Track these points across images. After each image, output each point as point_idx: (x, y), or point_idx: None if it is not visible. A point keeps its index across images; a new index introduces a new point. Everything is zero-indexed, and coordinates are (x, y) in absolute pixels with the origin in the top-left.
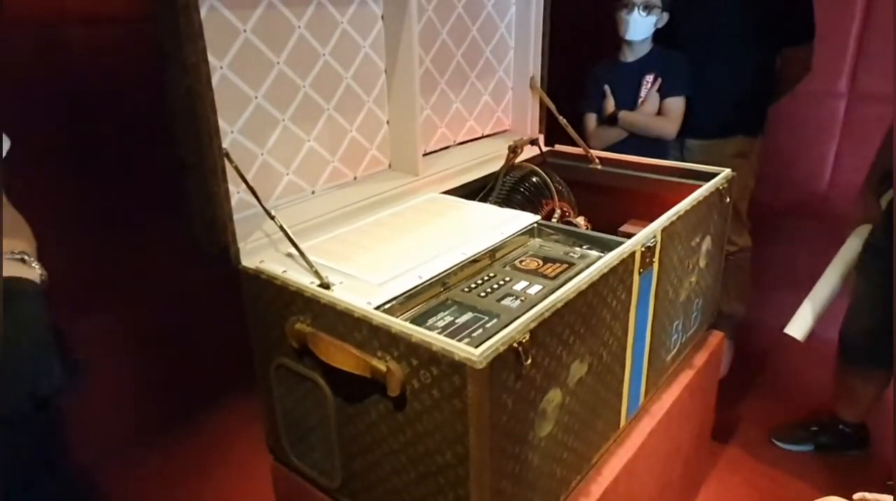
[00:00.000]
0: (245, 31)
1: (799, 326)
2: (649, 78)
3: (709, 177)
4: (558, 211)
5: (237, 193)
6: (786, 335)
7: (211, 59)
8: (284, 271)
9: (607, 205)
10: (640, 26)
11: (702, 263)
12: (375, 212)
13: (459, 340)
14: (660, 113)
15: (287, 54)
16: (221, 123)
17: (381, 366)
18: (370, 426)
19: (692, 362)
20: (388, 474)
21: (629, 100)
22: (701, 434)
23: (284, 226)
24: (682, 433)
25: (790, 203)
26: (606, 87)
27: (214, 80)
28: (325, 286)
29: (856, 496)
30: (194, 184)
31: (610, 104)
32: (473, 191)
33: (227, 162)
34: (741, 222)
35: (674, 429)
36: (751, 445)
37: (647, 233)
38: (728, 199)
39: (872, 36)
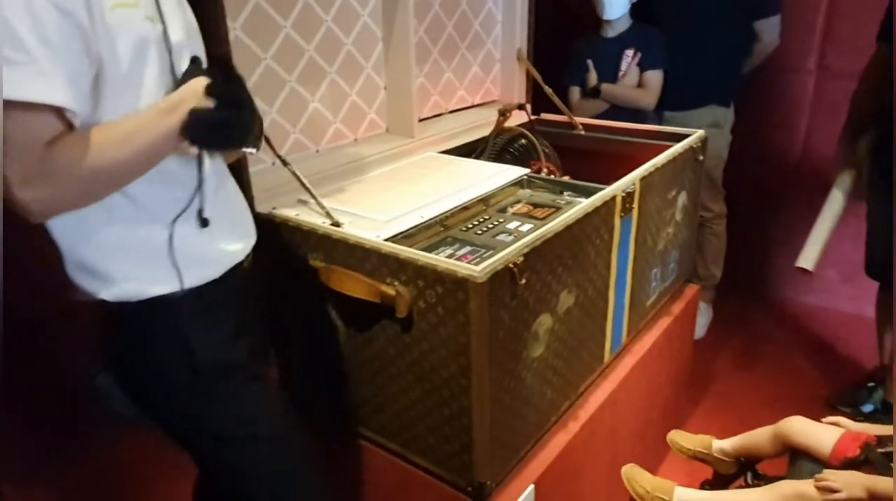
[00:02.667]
0: None
1: (808, 258)
2: (629, 52)
3: (683, 139)
4: (545, 170)
5: None
6: (797, 269)
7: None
8: (297, 214)
9: (590, 167)
10: (615, 5)
11: (678, 216)
12: (376, 169)
13: None
14: (639, 86)
15: (293, 19)
16: None
17: (391, 291)
18: (379, 351)
19: (670, 310)
20: (395, 394)
21: (610, 74)
22: (679, 378)
23: (297, 172)
24: (661, 373)
25: (764, 173)
26: (589, 62)
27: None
28: (336, 224)
29: (828, 418)
30: None
31: (592, 78)
32: (465, 152)
33: None
34: (716, 189)
35: (653, 369)
36: (728, 398)
37: (626, 181)
38: (701, 157)
39: (839, 14)
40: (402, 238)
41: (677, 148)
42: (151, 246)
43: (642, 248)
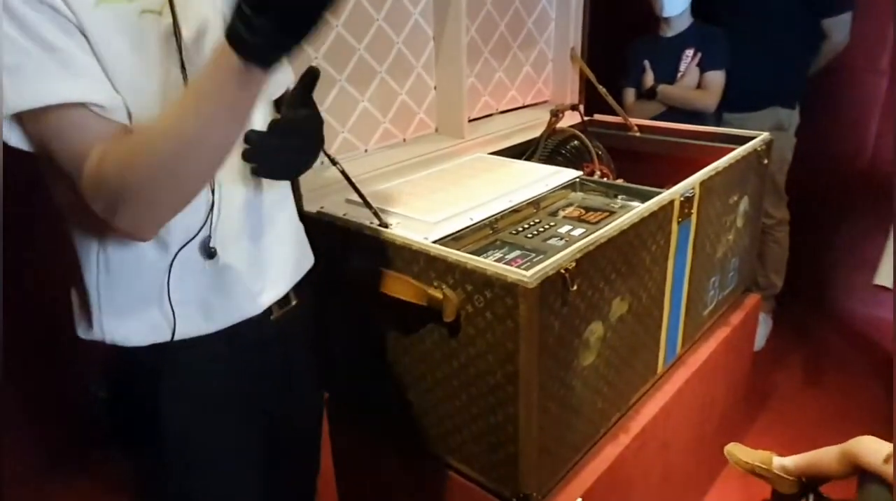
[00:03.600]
0: None
1: (886, 275)
2: (689, 52)
3: (746, 141)
4: (598, 173)
5: None
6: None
7: None
8: (345, 214)
9: (646, 171)
10: (674, 1)
11: (739, 222)
12: (425, 170)
13: None
14: (699, 87)
15: (345, 18)
16: None
17: (438, 294)
18: (424, 355)
19: (728, 320)
20: (439, 400)
21: (668, 75)
22: (736, 392)
23: (345, 171)
24: (717, 387)
25: (830, 179)
26: (646, 62)
27: None
28: (384, 225)
29: None
30: None
31: (649, 78)
32: (516, 154)
33: None
34: (779, 195)
35: (709, 382)
36: (786, 412)
37: (686, 184)
38: (766, 161)
39: None
40: (451, 240)
41: (741, 150)
42: (146, 284)
43: (700, 255)
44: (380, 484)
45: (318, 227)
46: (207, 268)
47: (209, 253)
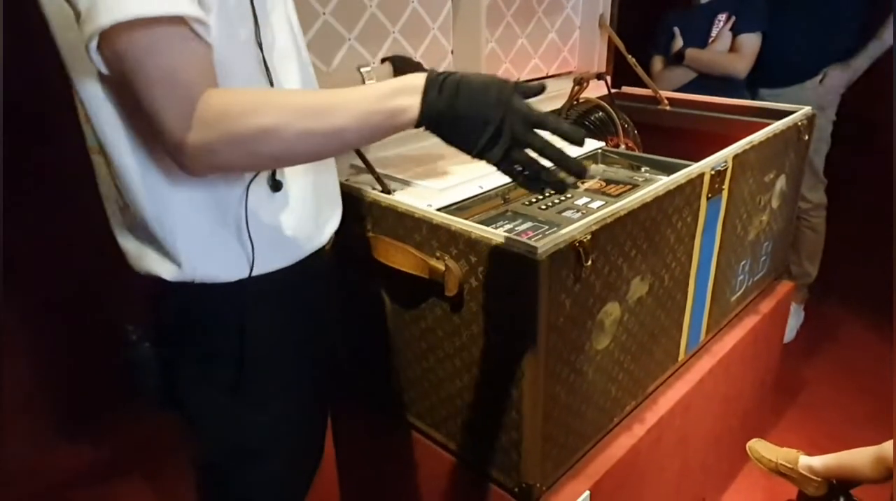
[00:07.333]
0: None
1: None
2: (722, 17)
3: (785, 117)
4: (623, 146)
5: None
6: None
7: None
8: (346, 180)
9: (676, 147)
10: None
11: (774, 203)
12: (436, 138)
13: None
14: (732, 51)
15: None
16: None
17: (440, 265)
18: (426, 331)
19: (758, 308)
20: (441, 380)
21: (699, 42)
22: (762, 385)
23: None
24: (743, 378)
25: (872, 162)
26: (675, 28)
27: None
28: (387, 191)
29: None
30: None
31: (677, 43)
32: None
33: None
34: (816, 177)
35: (734, 373)
36: (816, 409)
37: (718, 157)
38: (807, 138)
39: None
40: (457, 209)
41: (779, 124)
42: (222, 219)
43: (730, 236)
44: (379, 465)
45: None
46: (275, 201)
47: (276, 185)
